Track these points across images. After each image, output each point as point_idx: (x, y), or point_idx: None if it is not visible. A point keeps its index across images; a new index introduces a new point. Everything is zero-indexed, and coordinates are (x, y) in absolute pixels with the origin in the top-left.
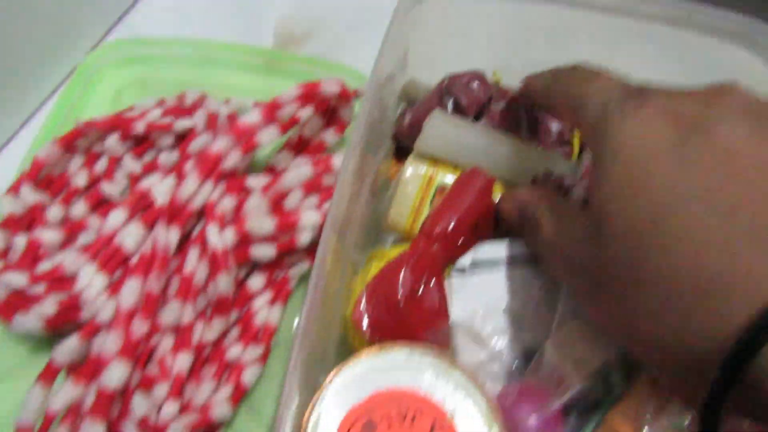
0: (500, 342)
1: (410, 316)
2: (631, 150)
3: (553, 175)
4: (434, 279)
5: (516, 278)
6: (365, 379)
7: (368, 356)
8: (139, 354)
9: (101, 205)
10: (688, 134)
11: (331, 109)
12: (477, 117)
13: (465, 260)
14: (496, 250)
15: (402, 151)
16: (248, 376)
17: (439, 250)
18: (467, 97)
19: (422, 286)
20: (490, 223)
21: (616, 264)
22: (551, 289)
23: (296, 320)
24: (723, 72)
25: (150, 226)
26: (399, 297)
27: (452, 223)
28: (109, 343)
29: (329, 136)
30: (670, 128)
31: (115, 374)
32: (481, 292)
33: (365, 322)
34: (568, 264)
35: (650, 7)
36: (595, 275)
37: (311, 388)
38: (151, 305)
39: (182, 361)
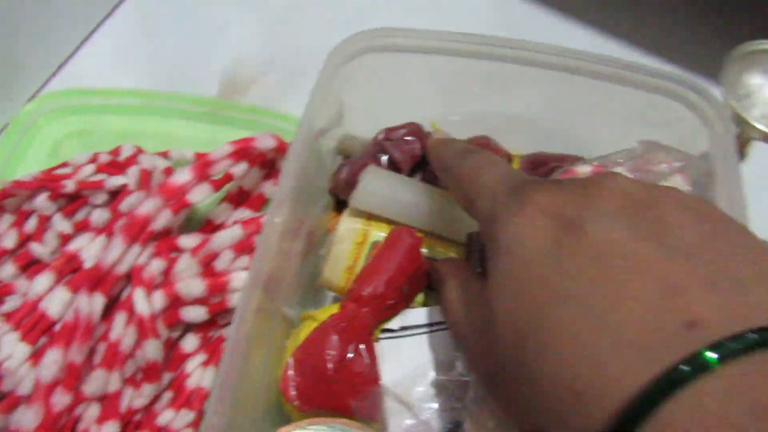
0: (428, 409)
1: (339, 383)
2: (515, 250)
3: None
4: (364, 344)
5: (445, 344)
6: None
7: None
8: (61, 427)
9: (30, 266)
10: (565, 234)
11: (269, 162)
12: (413, 171)
13: (394, 323)
14: (426, 314)
15: (342, 205)
16: None
17: (368, 313)
18: (401, 151)
19: (352, 352)
20: (420, 282)
21: (504, 359)
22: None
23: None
24: (662, 127)
25: (76, 291)
26: (327, 364)
27: (381, 285)
28: (27, 417)
29: (268, 188)
30: (549, 228)
31: None
32: (411, 356)
33: (293, 390)
34: (468, 347)
35: (590, 64)
36: (489, 365)
37: None
38: (73, 376)
39: (108, 431)
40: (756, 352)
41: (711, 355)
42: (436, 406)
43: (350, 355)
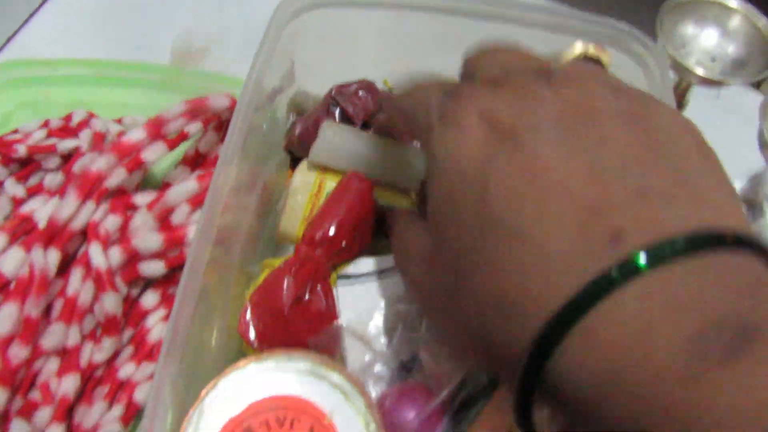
0: (385, 344)
1: (296, 323)
2: (449, 167)
3: None
4: (320, 284)
5: (400, 286)
6: (242, 389)
7: (244, 366)
8: (19, 380)
9: None
10: (498, 147)
11: (225, 124)
12: (365, 126)
13: (350, 269)
14: (382, 261)
15: (297, 162)
16: (141, 395)
17: (322, 255)
18: (354, 106)
19: (307, 292)
20: (371, 226)
21: (443, 282)
22: None
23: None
24: None
25: (30, 249)
26: (284, 304)
27: (333, 228)
28: None
29: None
30: (483, 139)
31: None
32: (367, 298)
33: (251, 332)
34: (414, 280)
35: (532, 14)
36: (432, 292)
37: (190, 402)
38: (30, 330)
39: (68, 384)
40: (678, 257)
41: (630, 264)
42: (392, 339)
43: (307, 295)
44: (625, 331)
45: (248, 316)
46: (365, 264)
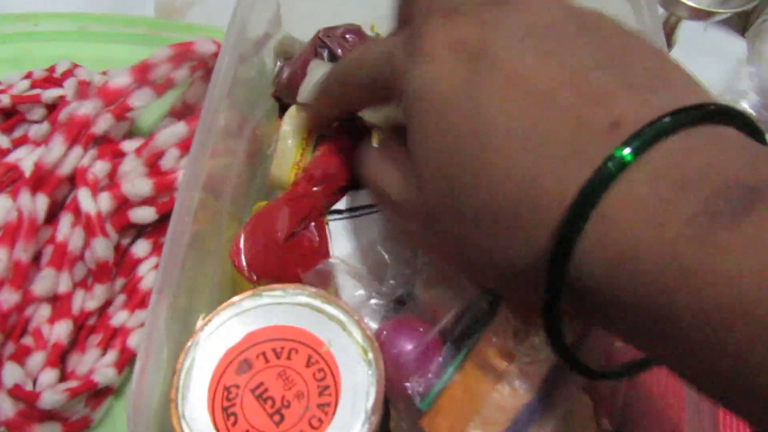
0: (379, 278)
1: (289, 255)
2: (428, 97)
3: None
4: (314, 222)
5: (392, 221)
6: (239, 321)
7: (241, 299)
8: (11, 325)
9: None
10: (476, 67)
11: (211, 73)
12: None
13: (340, 204)
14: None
15: (286, 109)
16: (134, 341)
17: (319, 193)
18: (342, 48)
19: (302, 228)
20: None
21: (437, 204)
22: None
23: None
24: None
25: (18, 196)
26: (278, 236)
27: (333, 167)
28: None
29: None
30: (457, 65)
31: None
32: (359, 234)
33: (243, 260)
34: (404, 216)
35: None
36: (421, 218)
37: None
38: (20, 275)
39: (60, 330)
40: (675, 133)
41: (636, 142)
42: (386, 275)
43: (300, 230)
44: (638, 209)
45: (241, 243)
46: (355, 198)
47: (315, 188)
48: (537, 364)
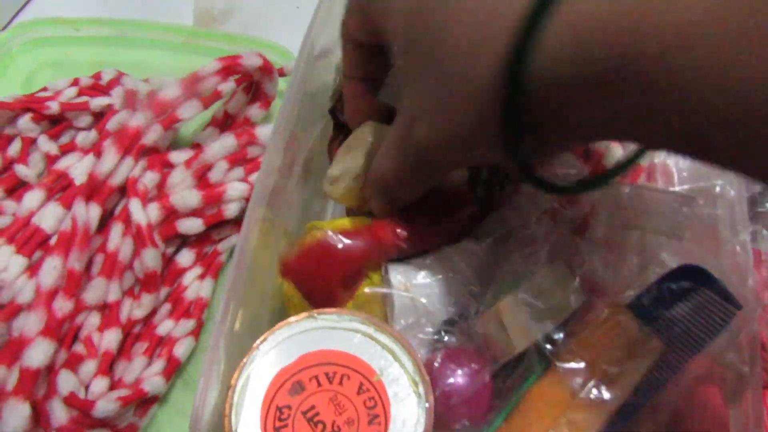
0: (431, 304)
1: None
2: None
3: None
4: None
5: (446, 253)
6: (295, 342)
7: (298, 320)
8: (64, 333)
9: (17, 189)
10: None
11: (254, 85)
12: None
13: None
14: None
15: (340, 127)
16: (181, 350)
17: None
18: None
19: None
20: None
21: (409, 48)
22: (481, 268)
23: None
24: None
25: (69, 206)
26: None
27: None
28: (30, 322)
29: (254, 111)
30: None
31: (38, 353)
32: (415, 263)
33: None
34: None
35: None
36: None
37: (242, 355)
38: (73, 283)
39: (110, 339)
40: None
41: None
42: (439, 304)
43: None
44: None
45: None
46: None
47: (399, 242)
48: (588, 420)
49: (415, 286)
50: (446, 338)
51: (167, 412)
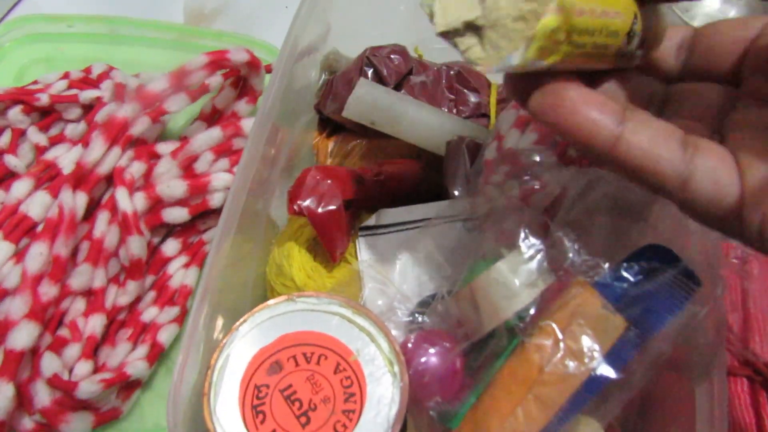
0: (404, 286)
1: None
2: None
3: (465, 139)
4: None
5: (417, 237)
6: (274, 323)
7: (277, 303)
8: (48, 317)
9: (6, 179)
10: None
11: (242, 80)
12: (396, 88)
13: (371, 221)
14: (402, 213)
15: (326, 122)
16: (164, 336)
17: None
18: (387, 67)
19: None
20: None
21: None
22: (452, 250)
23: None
24: None
25: (56, 194)
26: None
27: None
28: (15, 306)
29: (242, 106)
30: None
31: (22, 336)
32: (388, 247)
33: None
34: None
35: None
36: None
37: (223, 336)
38: (59, 269)
39: (95, 324)
40: None
41: None
42: (411, 283)
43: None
44: None
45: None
46: (384, 217)
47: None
48: (553, 394)
49: (385, 266)
50: (420, 319)
51: (150, 396)
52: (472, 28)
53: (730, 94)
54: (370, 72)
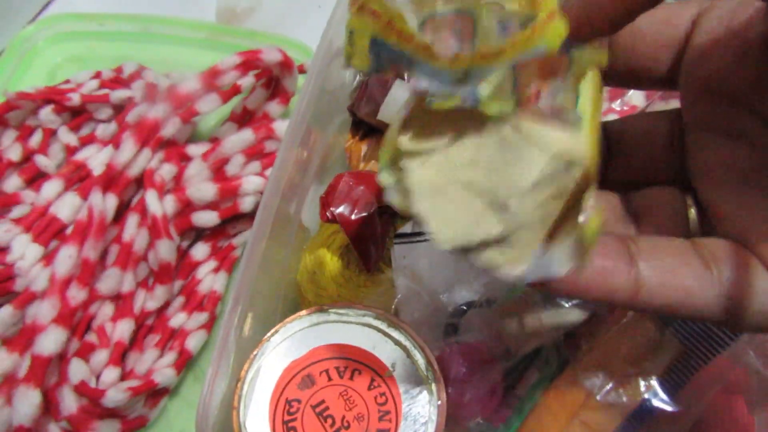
0: (441, 297)
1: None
2: None
3: None
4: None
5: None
6: (305, 335)
7: (309, 314)
8: (76, 322)
9: (37, 180)
10: None
11: (274, 80)
12: None
13: (406, 228)
14: None
15: (359, 124)
16: (193, 343)
17: None
18: None
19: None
20: None
21: None
22: None
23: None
24: None
25: (86, 196)
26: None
27: None
28: (43, 310)
29: (273, 107)
30: None
31: (50, 341)
32: (424, 256)
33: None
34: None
35: None
36: None
37: (252, 348)
38: (87, 273)
39: (123, 329)
40: None
41: None
42: (448, 294)
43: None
44: None
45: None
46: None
47: None
48: (602, 421)
49: (420, 269)
50: (456, 330)
51: (177, 404)
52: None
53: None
54: (406, 73)
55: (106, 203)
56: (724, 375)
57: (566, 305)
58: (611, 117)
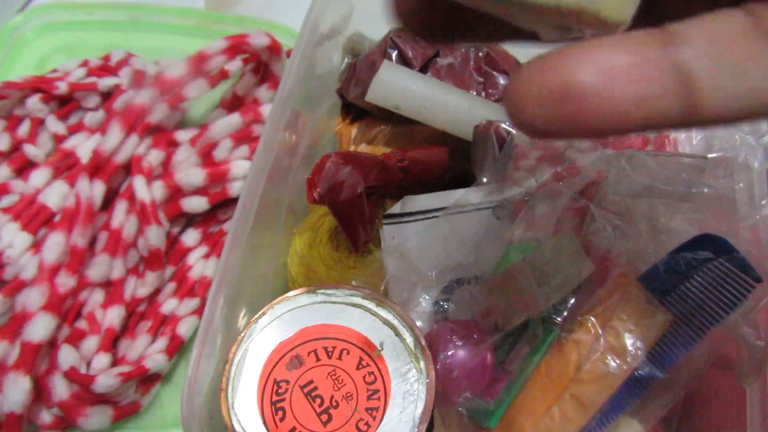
0: (429, 275)
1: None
2: None
3: (494, 124)
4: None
5: (443, 225)
6: (294, 316)
7: (296, 295)
8: (66, 309)
9: (26, 169)
10: None
11: (263, 65)
12: (422, 71)
13: (395, 209)
14: (427, 201)
15: (349, 108)
16: (184, 328)
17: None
18: (412, 49)
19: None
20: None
21: None
22: (481, 235)
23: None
24: None
25: (74, 184)
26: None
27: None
28: (32, 297)
29: (263, 92)
30: None
31: (39, 328)
32: (413, 235)
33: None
34: None
35: None
36: None
37: (241, 329)
38: (76, 260)
39: (113, 316)
40: None
41: None
42: (437, 269)
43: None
44: None
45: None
46: (411, 203)
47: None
48: (591, 394)
49: (409, 248)
50: (445, 306)
51: (170, 390)
52: None
53: None
54: (394, 54)
55: (93, 190)
56: (717, 348)
57: (549, 276)
58: None
